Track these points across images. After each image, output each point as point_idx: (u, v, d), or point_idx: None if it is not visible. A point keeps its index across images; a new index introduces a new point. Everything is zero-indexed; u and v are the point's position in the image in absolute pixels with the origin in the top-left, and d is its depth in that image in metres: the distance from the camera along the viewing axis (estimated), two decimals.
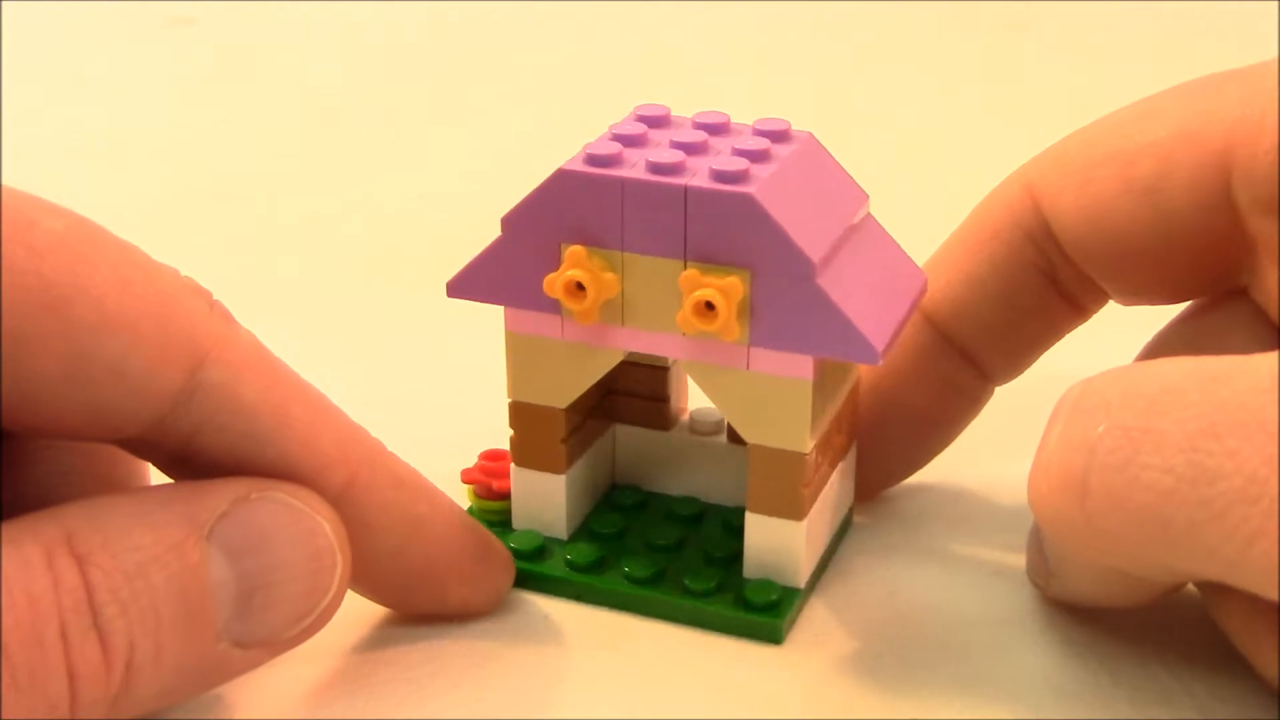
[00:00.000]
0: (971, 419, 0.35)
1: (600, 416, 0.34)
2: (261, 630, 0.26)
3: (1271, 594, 0.24)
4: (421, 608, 0.31)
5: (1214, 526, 0.24)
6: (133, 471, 0.29)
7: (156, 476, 0.28)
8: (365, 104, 0.63)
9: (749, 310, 0.29)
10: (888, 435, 0.34)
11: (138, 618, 0.24)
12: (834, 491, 0.32)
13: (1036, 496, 0.27)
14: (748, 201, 0.28)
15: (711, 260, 0.29)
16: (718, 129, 0.31)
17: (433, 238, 0.50)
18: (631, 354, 0.31)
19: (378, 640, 0.31)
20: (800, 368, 0.29)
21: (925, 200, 0.53)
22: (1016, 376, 0.34)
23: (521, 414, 0.32)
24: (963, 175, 0.56)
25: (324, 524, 0.27)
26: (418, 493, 0.29)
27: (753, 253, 0.29)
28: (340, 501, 0.27)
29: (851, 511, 0.34)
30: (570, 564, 0.32)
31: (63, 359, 0.24)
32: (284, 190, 0.54)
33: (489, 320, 0.32)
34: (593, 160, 0.29)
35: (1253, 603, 0.27)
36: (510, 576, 0.31)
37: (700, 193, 0.29)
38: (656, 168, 0.29)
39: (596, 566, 0.32)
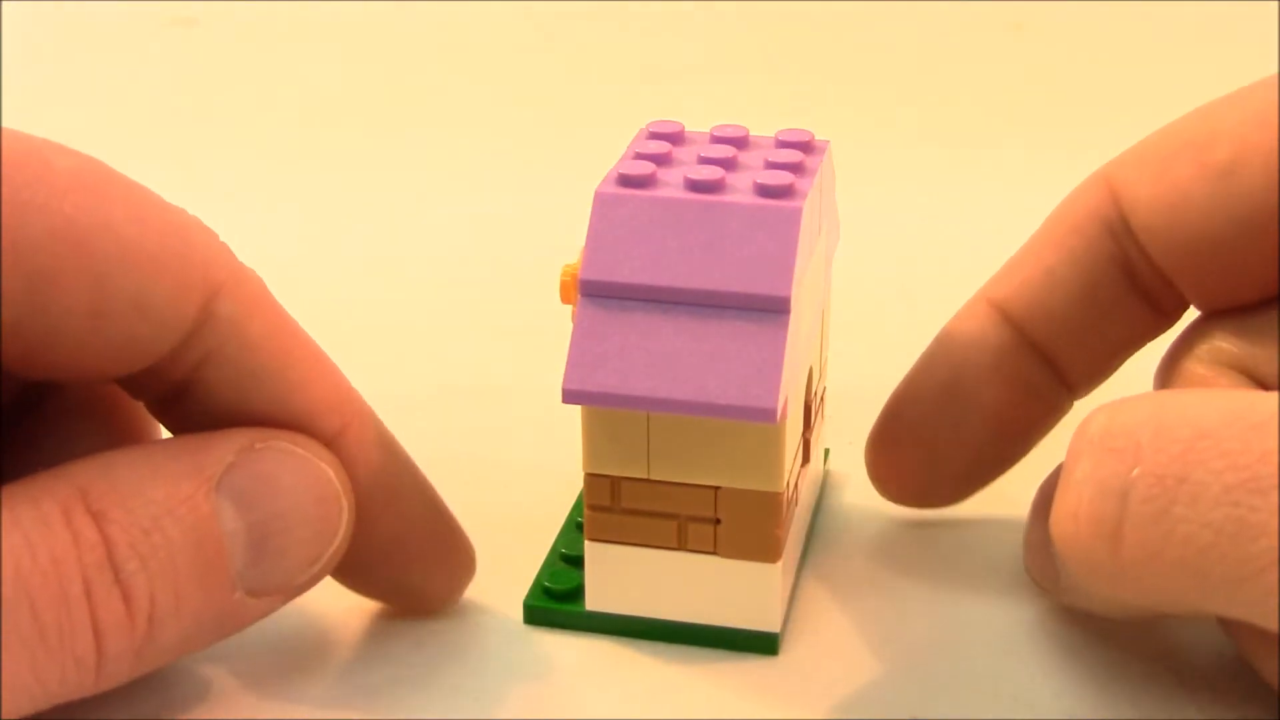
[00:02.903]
0: (1049, 429, 0.33)
1: None
2: (274, 577, 0.27)
3: None
4: (379, 588, 0.31)
5: (1256, 582, 0.24)
6: (146, 439, 0.30)
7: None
8: (367, 104, 0.63)
9: None
10: (961, 437, 0.33)
11: (157, 571, 0.25)
12: (668, 574, 0.30)
13: (1063, 538, 0.26)
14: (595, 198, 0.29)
15: None
16: (737, 146, 0.31)
17: (434, 235, 0.51)
18: None
19: (374, 640, 0.31)
20: None
21: (923, 201, 0.53)
22: (1095, 387, 0.33)
23: None
24: (962, 176, 0.56)
25: (327, 470, 0.27)
26: (401, 463, 0.30)
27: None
28: (329, 448, 0.28)
29: (775, 640, 0.31)
30: None
31: (87, 294, 0.25)
32: (285, 191, 0.54)
33: None
34: (636, 148, 0.30)
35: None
36: (470, 577, 0.31)
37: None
38: (627, 173, 0.29)
39: None
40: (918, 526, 0.35)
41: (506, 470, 0.37)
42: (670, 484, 0.29)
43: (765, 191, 0.29)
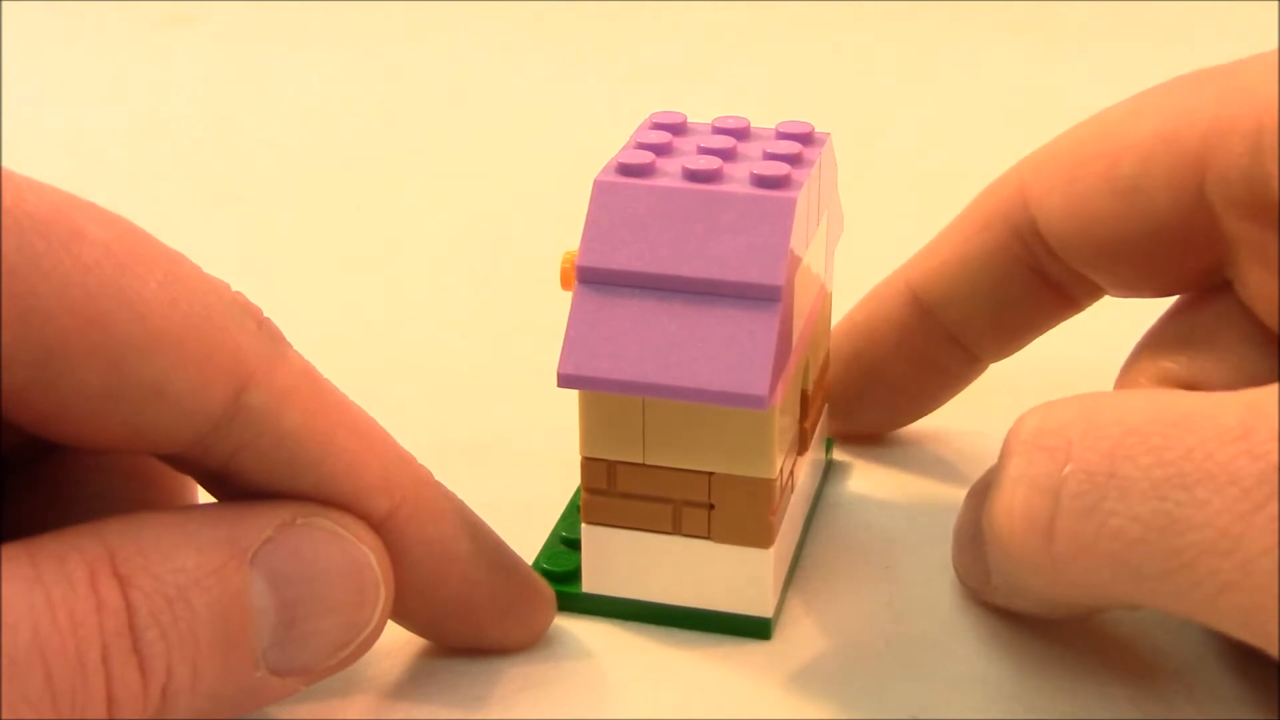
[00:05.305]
0: (956, 393, 0.36)
1: None
2: (299, 659, 0.26)
3: (1242, 636, 0.24)
4: (456, 641, 0.30)
5: (1183, 575, 0.24)
6: (178, 495, 0.29)
7: (204, 498, 0.28)
8: (366, 103, 0.63)
9: None
10: (864, 401, 0.36)
11: (177, 643, 0.24)
12: (668, 558, 0.30)
13: (998, 534, 0.27)
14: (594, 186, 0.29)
15: None
16: (741, 137, 0.31)
17: (435, 235, 0.50)
18: None
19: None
20: None
21: (921, 201, 0.53)
22: (1007, 357, 0.35)
23: None
24: (960, 176, 0.56)
25: (369, 554, 0.26)
26: (460, 528, 0.29)
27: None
28: (379, 531, 0.27)
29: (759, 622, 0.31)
30: None
31: (102, 375, 0.24)
32: (285, 191, 0.54)
33: None
34: (638, 138, 0.30)
35: None
36: (551, 616, 0.31)
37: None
38: (626, 162, 0.29)
39: None
40: (918, 517, 0.35)
41: (512, 454, 0.37)
42: (665, 469, 0.29)
43: (761, 182, 0.29)
